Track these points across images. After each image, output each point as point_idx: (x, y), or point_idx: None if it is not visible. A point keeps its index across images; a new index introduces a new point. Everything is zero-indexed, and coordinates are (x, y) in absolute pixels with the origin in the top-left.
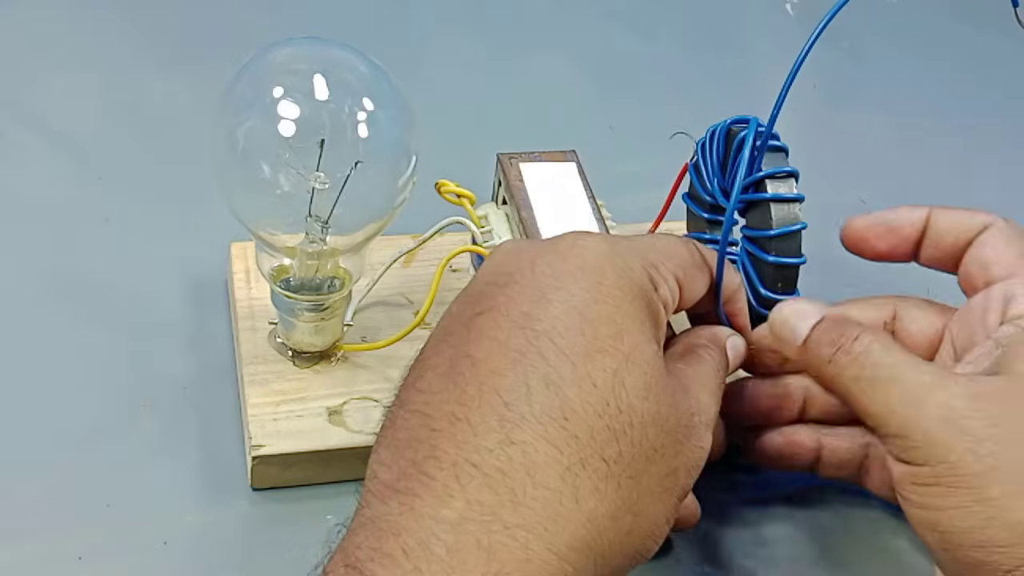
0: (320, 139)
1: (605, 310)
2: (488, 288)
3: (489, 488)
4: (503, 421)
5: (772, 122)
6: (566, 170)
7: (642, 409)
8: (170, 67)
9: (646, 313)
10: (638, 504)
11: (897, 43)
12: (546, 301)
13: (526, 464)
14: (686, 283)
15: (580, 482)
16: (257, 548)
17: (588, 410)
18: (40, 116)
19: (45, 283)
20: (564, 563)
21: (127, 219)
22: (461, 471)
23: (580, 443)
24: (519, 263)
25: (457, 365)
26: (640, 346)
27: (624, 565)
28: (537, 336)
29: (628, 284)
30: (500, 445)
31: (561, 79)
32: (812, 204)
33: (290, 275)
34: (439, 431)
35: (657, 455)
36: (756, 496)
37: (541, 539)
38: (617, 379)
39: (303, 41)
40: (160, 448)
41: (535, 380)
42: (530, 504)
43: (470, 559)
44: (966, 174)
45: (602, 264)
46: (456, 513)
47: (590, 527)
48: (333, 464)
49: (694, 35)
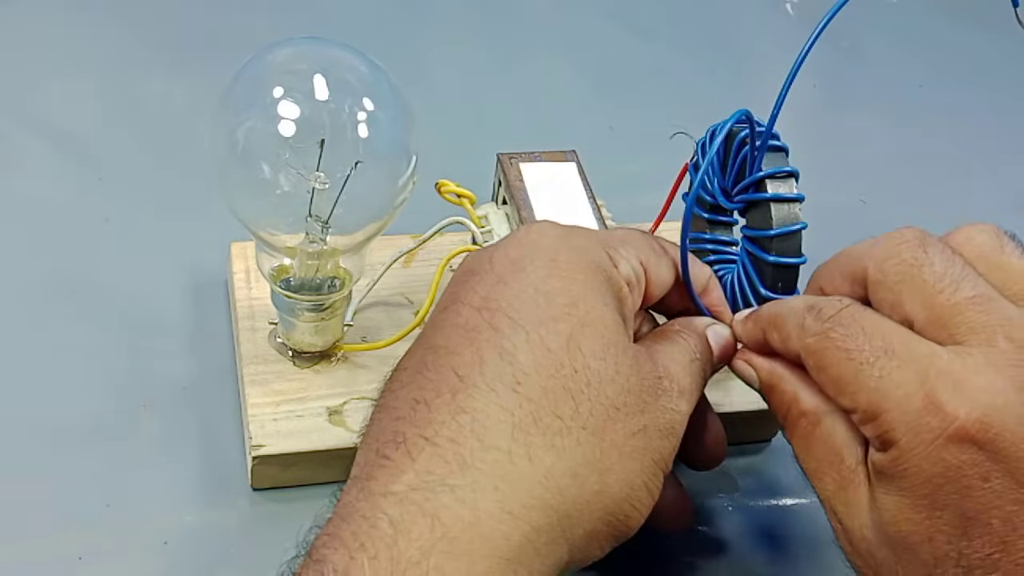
0: (320, 139)
1: (560, 283)
2: (452, 287)
3: (439, 458)
4: (455, 393)
5: (772, 122)
6: (566, 170)
7: (599, 368)
8: (170, 68)
9: (605, 286)
10: (603, 461)
11: (897, 43)
12: (503, 284)
13: (475, 430)
14: (650, 268)
15: (532, 440)
16: (257, 548)
17: (541, 372)
18: (40, 117)
19: (45, 283)
20: (520, 522)
21: (127, 219)
22: (413, 446)
23: (533, 403)
24: (480, 261)
25: (423, 358)
26: (596, 310)
27: (601, 531)
28: (493, 314)
29: (584, 260)
30: (452, 415)
31: (561, 79)
32: (812, 204)
33: (290, 275)
34: (401, 418)
35: (620, 413)
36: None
37: (490, 499)
38: (572, 342)
39: (303, 41)
40: (160, 448)
41: (489, 352)
42: (479, 466)
43: (414, 528)
44: (966, 174)
45: (557, 245)
46: (404, 486)
47: (547, 484)
48: (333, 464)
49: (694, 35)
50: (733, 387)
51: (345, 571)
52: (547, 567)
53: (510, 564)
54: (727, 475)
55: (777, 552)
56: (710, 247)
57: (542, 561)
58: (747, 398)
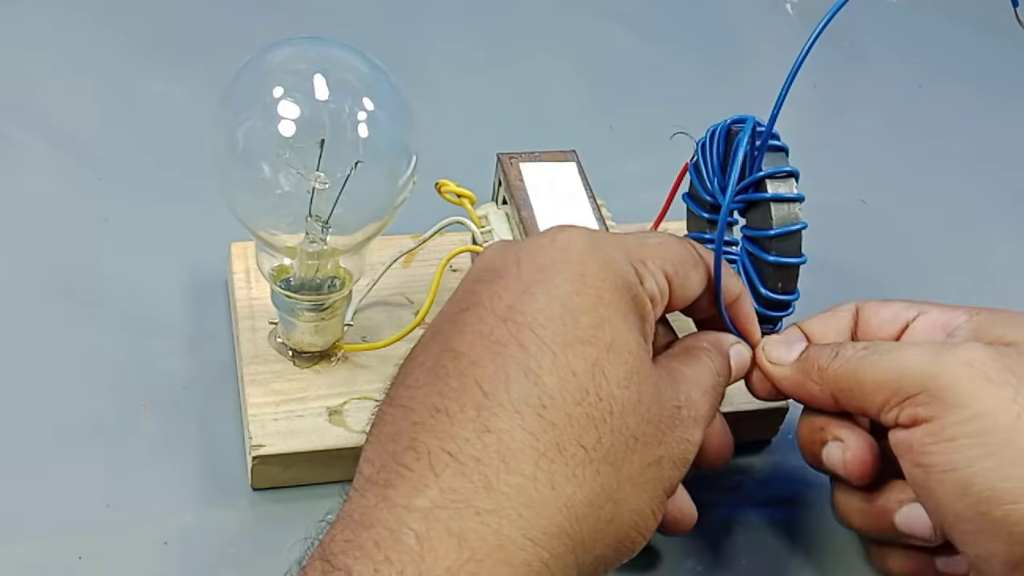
0: (320, 139)
1: (587, 301)
2: (474, 286)
3: (463, 476)
4: (480, 410)
5: (772, 122)
6: (566, 170)
7: (622, 397)
8: (170, 67)
9: (630, 305)
10: (619, 492)
11: (897, 43)
12: (529, 295)
13: (501, 451)
14: (677, 280)
15: (556, 468)
16: (257, 548)
17: (567, 398)
18: (40, 116)
19: (45, 283)
20: (540, 549)
21: (127, 219)
22: (436, 460)
23: (557, 430)
24: (504, 260)
25: (441, 359)
26: (622, 335)
27: (608, 556)
28: (519, 328)
29: (611, 276)
30: (476, 433)
31: (561, 79)
32: (812, 204)
33: (290, 275)
34: (420, 423)
35: (638, 444)
36: (756, 497)
37: (515, 525)
38: (597, 368)
39: (303, 41)
40: (160, 448)
41: (514, 369)
42: (504, 490)
43: (441, 547)
44: (965, 174)
45: (585, 257)
46: (429, 502)
47: (567, 513)
48: (333, 464)
49: (694, 35)
50: (733, 387)
51: None
52: None
53: None
54: (727, 475)
55: (777, 552)
56: (710, 247)
57: None
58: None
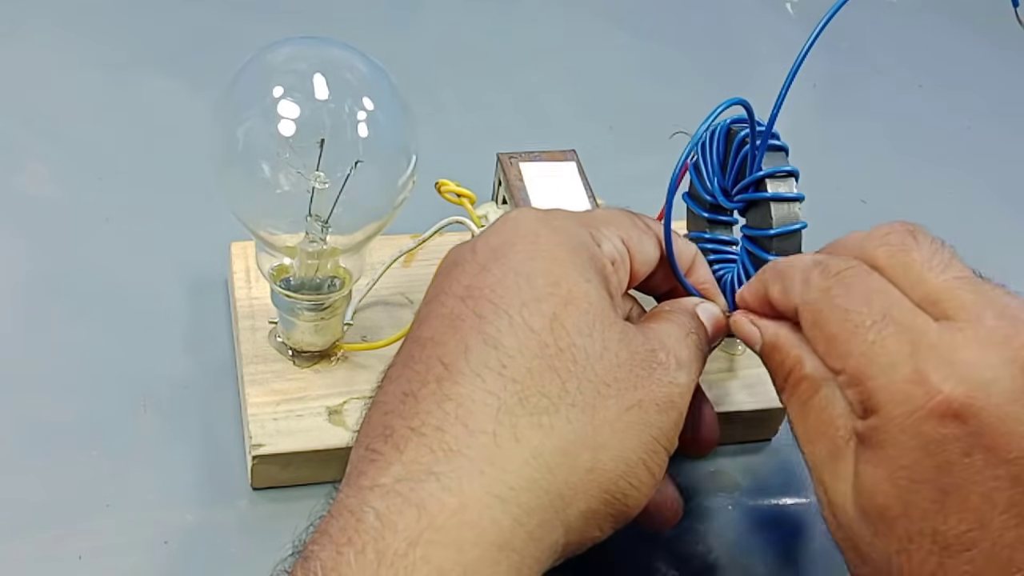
0: (320, 139)
1: (541, 264)
2: (437, 280)
3: (425, 447)
4: (441, 382)
5: (772, 122)
6: (566, 170)
7: (584, 345)
8: (170, 67)
9: (588, 264)
10: (596, 438)
11: (897, 43)
12: (485, 271)
13: (461, 416)
14: (634, 243)
15: (518, 420)
16: (257, 548)
17: (526, 354)
18: (40, 116)
19: (46, 283)
20: (509, 505)
21: (127, 219)
22: (400, 438)
23: (518, 384)
24: (462, 251)
25: (410, 351)
26: (580, 288)
27: (599, 511)
28: (476, 301)
29: (565, 239)
30: (437, 403)
31: (561, 79)
32: (812, 204)
33: (290, 275)
34: (390, 412)
35: (611, 389)
36: (756, 497)
37: (477, 483)
38: (556, 321)
39: (303, 41)
40: (160, 448)
41: (473, 339)
42: (465, 452)
43: (400, 520)
44: (965, 174)
45: (536, 227)
46: (392, 478)
47: (536, 464)
48: (333, 464)
49: (694, 35)
50: (733, 387)
51: (333, 567)
52: (542, 551)
53: (501, 550)
54: (727, 475)
55: (777, 552)
56: (710, 247)
57: (536, 545)
58: (747, 398)
